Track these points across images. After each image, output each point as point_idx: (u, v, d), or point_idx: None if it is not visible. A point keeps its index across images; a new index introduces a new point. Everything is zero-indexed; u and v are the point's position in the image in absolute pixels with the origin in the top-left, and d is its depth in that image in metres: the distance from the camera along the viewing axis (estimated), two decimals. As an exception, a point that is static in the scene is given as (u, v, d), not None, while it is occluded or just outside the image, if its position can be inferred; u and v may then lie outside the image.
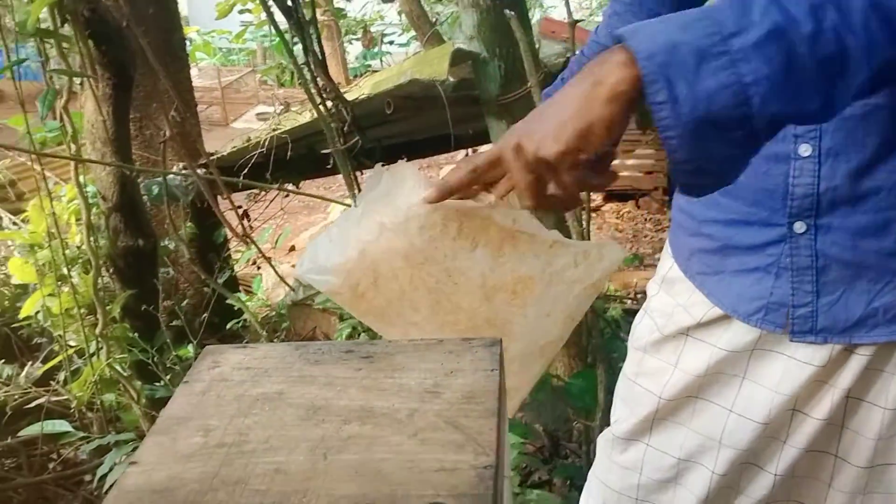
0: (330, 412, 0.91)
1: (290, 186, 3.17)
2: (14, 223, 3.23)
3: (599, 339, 2.34)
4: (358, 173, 2.69)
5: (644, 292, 1.34)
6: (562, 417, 2.70)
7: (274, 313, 3.54)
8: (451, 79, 2.56)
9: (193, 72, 6.69)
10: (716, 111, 0.69)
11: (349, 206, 2.90)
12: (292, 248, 5.21)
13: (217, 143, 2.81)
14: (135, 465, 0.86)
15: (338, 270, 1.18)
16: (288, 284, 2.78)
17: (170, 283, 3.35)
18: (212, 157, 2.43)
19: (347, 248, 1.17)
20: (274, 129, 3.17)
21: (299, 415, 0.92)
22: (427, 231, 1.15)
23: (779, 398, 1.08)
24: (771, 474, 1.13)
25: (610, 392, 2.17)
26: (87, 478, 2.65)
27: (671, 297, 1.20)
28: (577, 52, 1.27)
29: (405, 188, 1.25)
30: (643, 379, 1.23)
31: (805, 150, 0.97)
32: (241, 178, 2.75)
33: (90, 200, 2.43)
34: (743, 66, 0.68)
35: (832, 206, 0.98)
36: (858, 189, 0.96)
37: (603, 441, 1.34)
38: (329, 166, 2.88)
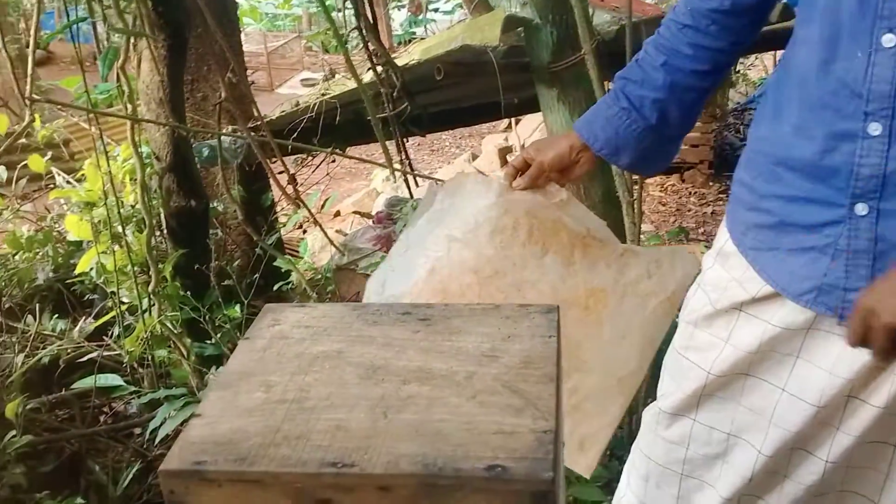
0: (389, 372, 0.93)
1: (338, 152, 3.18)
2: (68, 182, 3.29)
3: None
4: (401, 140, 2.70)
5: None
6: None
7: (319, 276, 3.58)
8: (503, 45, 2.55)
9: (241, 36, 6.70)
10: None
11: (396, 170, 2.92)
12: (337, 214, 5.25)
13: (263, 109, 2.82)
14: (199, 417, 0.89)
15: (406, 294, 1.17)
16: (336, 246, 2.81)
17: (218, 244, 3.40)
18: (263, 121, 2.44)
19: (414, 271, 1.16)
20: (323, 94, 3.18)
21: (359, 374, 0.93)
22: (497, 235, 1.15)
23: (834, 381, 1.06)
24: (822, 461, 1.12)
25: (655, 366, 2.18)
26: (137, 431, 2.72)
27: (726, 271, 1.19)
28: (655, 34, 1.29)
29: (468, 196, 1.26)
30: (692, 353, 1.23)
31: (874, 128, 0.94)
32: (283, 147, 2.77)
33: (144, 161, 2.48)
34: None
35: None
36: None
37: (649, 415, 1.34)
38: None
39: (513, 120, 7.53)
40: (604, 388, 1.21)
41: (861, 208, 0.98)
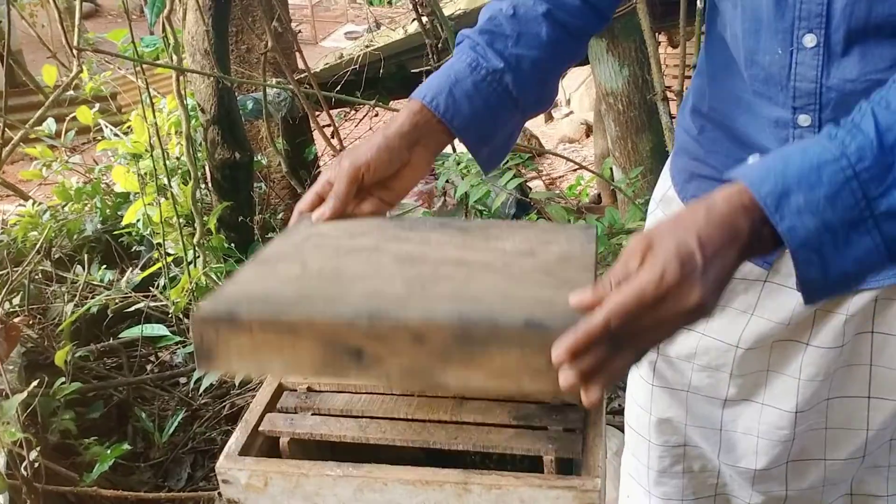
0: (426, 261, 0.92)
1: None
2: (115, 134, 3.32)
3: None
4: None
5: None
6: (647, 347, 2.68)
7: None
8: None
9: (285, -11, 6.66)
10: (864, 270, 0.73)
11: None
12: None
13: (303, 63, 2.81)
14: (231, 282, 0.88)
15: None
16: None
17: (262, 197, 3.42)
18: (310, 72, 2.42)
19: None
20: (367, 46, 3.15)
21: (396, 260, 0.92)
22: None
23: (783, 330, 1.06)
24: (789, 412, 1.11)
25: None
26: (183, 380, 2.77)
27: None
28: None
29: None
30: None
31: (804, 119, 0.91)
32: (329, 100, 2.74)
33: (189, 113, 2.48)
34: (886, 224, 0.70)
35: None
36: None
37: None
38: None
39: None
40: None
41: None
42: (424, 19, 2.44)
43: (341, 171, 0.96)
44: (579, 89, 6.94)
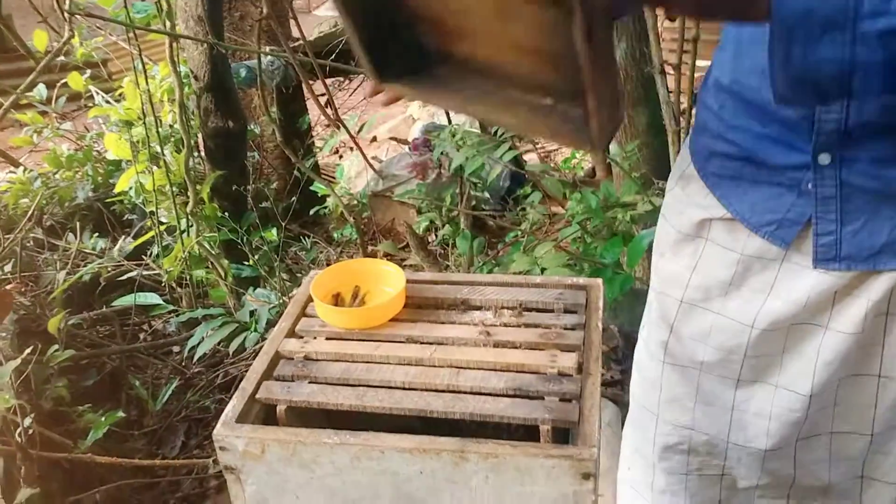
0: None
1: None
2: (107, 101, 3.28)
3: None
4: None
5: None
6: (639, 321, 2.68)
7: (355, 202, 3.56)
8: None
9: (278, -44, 6.56)
10: (819, 78, 0.74)
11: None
12: (373, 140, 5.20)
13: (297, 31, 2.77)
14: None
15: None
16: (375, 169, 2.78)
17: (255, 167, 3.40)
18: (305, 39, 2.39)
19: None
20: (362, 15, 3.11)
21: None
22: None
23: (799, 313, 1.06)
24: (804, 395, 1.11)
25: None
26: (176, 349, 2.77)
27: (686, 195, 1.17)
28: None
29: None
30: (663, 285, 1.24)
31: None
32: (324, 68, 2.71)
33: (182, 80, 2.45)
34: (861, 48, 0.70)
35: (858, 138, 0.93)
36: (886, 121, 0.91)
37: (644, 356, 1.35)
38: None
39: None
40: None
41: (824, 158, 0.96)
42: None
43: None
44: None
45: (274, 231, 2.86)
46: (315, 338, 1.28)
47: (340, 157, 4.24)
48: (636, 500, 1.40)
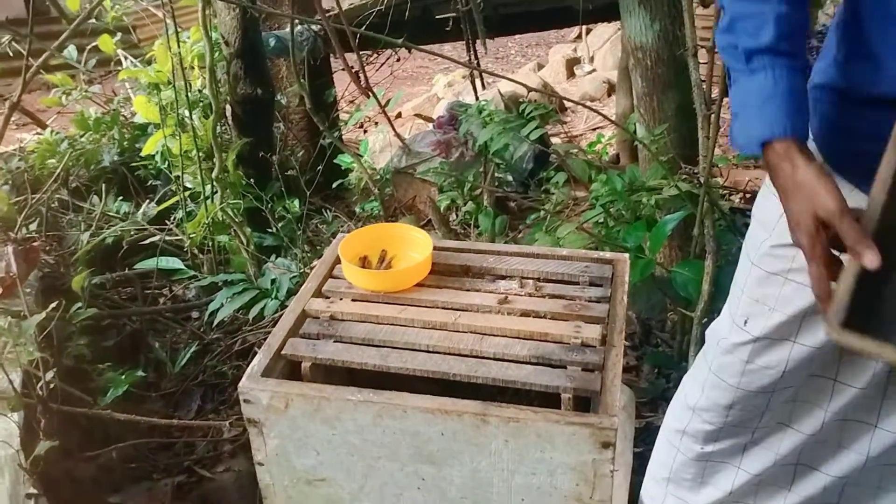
0: None
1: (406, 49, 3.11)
2: (135, 65, 3.30)
3: (712, 231, 2.27)
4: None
5: (754, 193, 1.24)
6: (657, 306, 2.67)
7: (378, 177, 3.56)
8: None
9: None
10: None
11: (468, 67, 2.84)
12: (398, 116, 5.20)
13: (328, 2, 2.76)
14: None
15: None
16: (402, 140, 2.78)
17: (279, 138, 3.40)
18: (341, 8, 2.38)
19: None
20: (393, -12, 3.11)
21: None
22: None
23: None
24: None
25: (717, 284, 2.12)
26: (194, 315, 2.79)
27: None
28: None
29: None
30: (800, 275, 1.14)
31: None
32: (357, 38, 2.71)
33: (213, 45, 2.45)
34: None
35: None
36: None
37: (718, 342, 1.28)
38: (447, 29, 2.80)
39: (583, 29, 7.30)
40: None
41: None
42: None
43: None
44: (603, 47, 6.83)
45: (297, 202, 2.86)
46: (341, 298, 1.29)
47: (365, 131, 4.24)
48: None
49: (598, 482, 1.05)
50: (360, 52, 2.55)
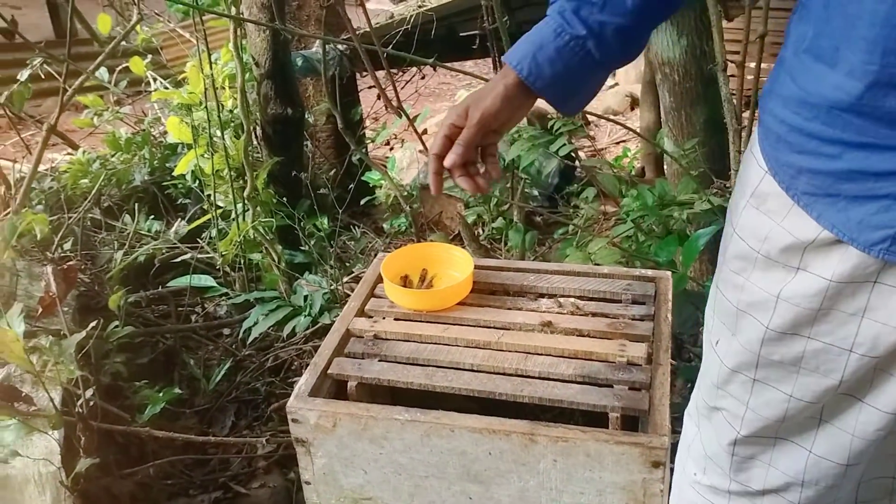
0: None
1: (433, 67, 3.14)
2: (165, 87, 3.34)
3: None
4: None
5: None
6: (689, 321, 2.66)
7: (406, 193, 3.58)
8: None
9: (331, -51, 6.62)
10: None
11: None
12: (424, 132, 5.22)
13: (354, 23, 2.80)
14: None
15: None
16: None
17: (307, 155, 3.43)
18: (371, 27, 2.40)
19: None
20: (420, 7, 3.13)
21: None
22: None
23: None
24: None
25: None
26: (227, 331, 2.81)
27: (765, 216, 1.05)
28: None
29: None
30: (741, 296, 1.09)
31: None
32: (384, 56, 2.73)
33: (243, 66, 2.48)
34: None
35: None
36: None
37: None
38: (474, 46, 2.82)
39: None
40: None
41: None
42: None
43: (472, 119, 1.12)
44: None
45: (326, 219, 2.89)
46: (384, 318, 1.30)
47: (391, 148, 4.27)
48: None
49: (648, 501, 1.05)
50: (383, 72, 2.58)
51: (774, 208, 1.03)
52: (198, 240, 2.94)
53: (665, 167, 3.22)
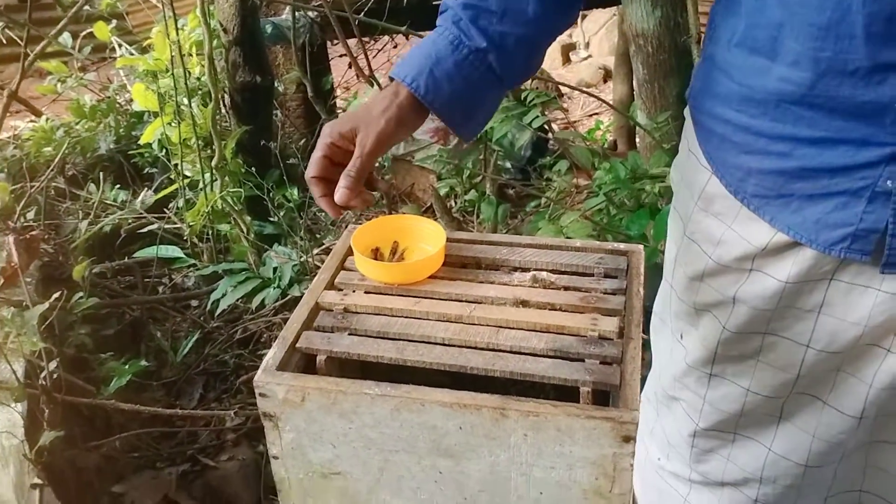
0: None
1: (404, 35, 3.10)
2: (131, 53, 3.26)
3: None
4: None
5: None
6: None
7: (377, 164, 3.55)
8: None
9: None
10: None
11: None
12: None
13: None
14: None
15: None
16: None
17: (277, 125, 3.38)
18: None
19: None
20: (392, -26, 3.08)
21: None
22: None
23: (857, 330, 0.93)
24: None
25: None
26: (194, 303, 2.77)
27: (715, 219, 1.01)
28: None
29: None
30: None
31: None
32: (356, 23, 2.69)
33: (211, 32, 2.42)
34: None
35: None
36: None
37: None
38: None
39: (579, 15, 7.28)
40: None
41: None
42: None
43: (365, 147, 1.00)
44: (599, 32, 6.80)
45: (296, 190, 2.85)
46: (354, 291, 1.28)
47: (362, 119, 4.21)
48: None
49: (618, 476, 1.05)
50: (354, 40, 2.54)
51: (723, 210, 0.99)
52: (165, 210, 2.89)
53: (637, 140, 3.22)
